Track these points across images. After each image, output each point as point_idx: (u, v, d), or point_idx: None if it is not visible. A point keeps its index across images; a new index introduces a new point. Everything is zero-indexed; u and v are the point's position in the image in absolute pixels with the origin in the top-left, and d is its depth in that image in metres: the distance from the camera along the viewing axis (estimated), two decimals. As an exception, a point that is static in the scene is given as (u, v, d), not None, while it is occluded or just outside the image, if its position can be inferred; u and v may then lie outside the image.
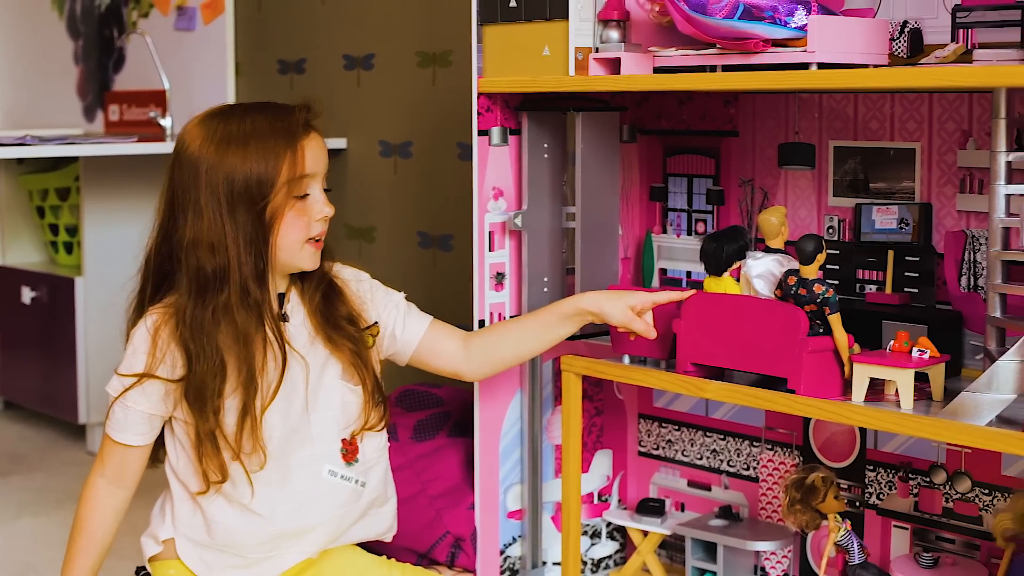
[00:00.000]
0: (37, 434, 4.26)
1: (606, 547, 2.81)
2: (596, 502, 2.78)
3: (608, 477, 2.81)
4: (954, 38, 2.21)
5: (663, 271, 2.72)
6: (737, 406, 2.62)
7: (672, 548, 2.75)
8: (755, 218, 2.55)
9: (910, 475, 2.39)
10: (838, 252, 2.44)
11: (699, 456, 2.71)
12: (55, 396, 4.10)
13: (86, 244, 3.99)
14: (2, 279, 4.36)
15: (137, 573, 2.24)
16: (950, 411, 1.94)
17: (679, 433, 2.74)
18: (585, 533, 2.76)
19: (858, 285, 2.42)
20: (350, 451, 2.21)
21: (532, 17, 2.44)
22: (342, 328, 2.18)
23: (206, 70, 4.27)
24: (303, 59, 3.99)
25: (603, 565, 2.80)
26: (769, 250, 2.23)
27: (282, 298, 2.16)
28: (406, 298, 2.32)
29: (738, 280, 2.25)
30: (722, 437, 2.67)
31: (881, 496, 2.43)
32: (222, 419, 2.08)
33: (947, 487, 2.34)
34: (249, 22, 4.19)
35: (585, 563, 2.76)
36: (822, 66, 2.07)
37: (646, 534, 2.70)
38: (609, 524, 2.81)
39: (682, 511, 2.74)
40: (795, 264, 2.16)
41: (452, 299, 3.44)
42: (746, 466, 2.64)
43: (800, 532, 2.53)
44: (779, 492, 2.58)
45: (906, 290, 2.34)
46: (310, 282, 2.19)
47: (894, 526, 2.42)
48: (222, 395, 2.07)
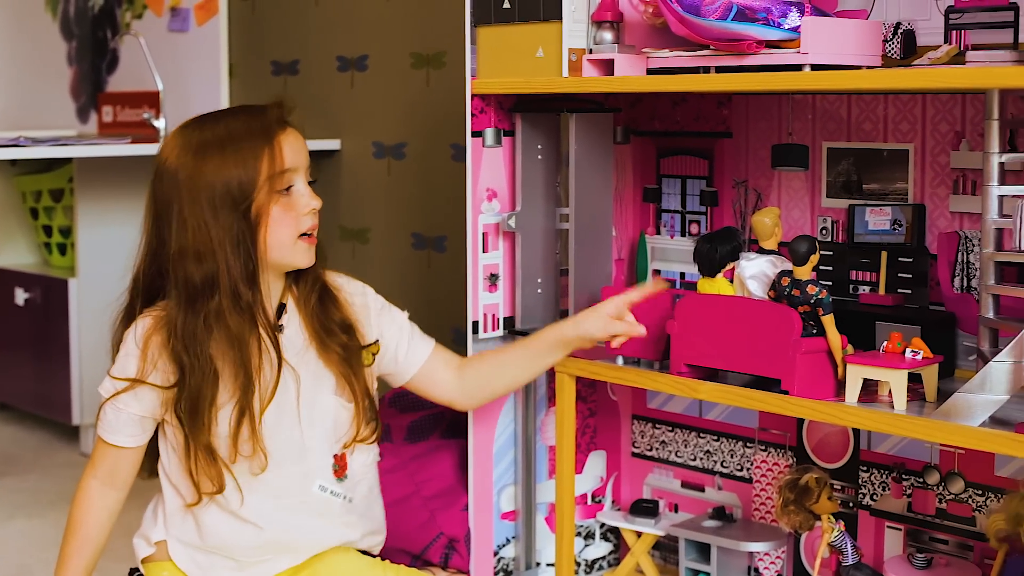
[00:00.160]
0: (31, 435, 4.26)
1: (600, 548, 2.81)
2: (590, 503, 2.78)
3: (602, 478, 2.81)
4: (947, 39, 2.21)
5: (657, 272, 2.72)
6: (730, 407, 2.62)
7: (666, 549, 2.75)
8: (748, 219, 2.55)
9: (903, 476, 2.39)
10: (831, 253, 2.44)
11: (693, 457, 2.71)
12: (49, 397, 4.10)
13: (80, 245, 3.98)
14: (-5, 280, 4.36)
15: (131, 574, 2.24)
16: (943, 412, 1.94)
17: (673, 434, 2.74)
18: (579, 534, 2.76)
19: (851, 286, 2.42)
20: (341, 467, 2.21)
21: (526, 18, 2.44)
22: (335, 334, 2.17)
23: (200, 71, 4.27)
24: (297, 60, 3.99)
25: (597, 566, 2.80)
26: (763, 251, 2.24)
27: (281, 309, 2.16)
28: (409, 317, 2.32)
29: (732, 281, 2.25)
30: (716, 438, 2.67)
31: (875, 497, 2.43)
32: (216, 428, 2.07)
33: (940, 488, 2.34)
34: (243, 23, 4.19)
35: (579, 564, 2.76)
36: (815, 67, 2.07)
37: (640, 535, 2.70)
38: (603, 525, 2.81)
39: (676, 512, 2.74)
40: (788, 265, 2.17)
41: (446, 300, 3.44)
42: (740, 467, 2.64)
43: (794, 533, 2.53)
44: (773, 493, 2.58)
45: (899, 291, 2.35)
46: (305, 283, 2.18)
47: (887, 527, 2.42)
48: (215, 404, 2.07)
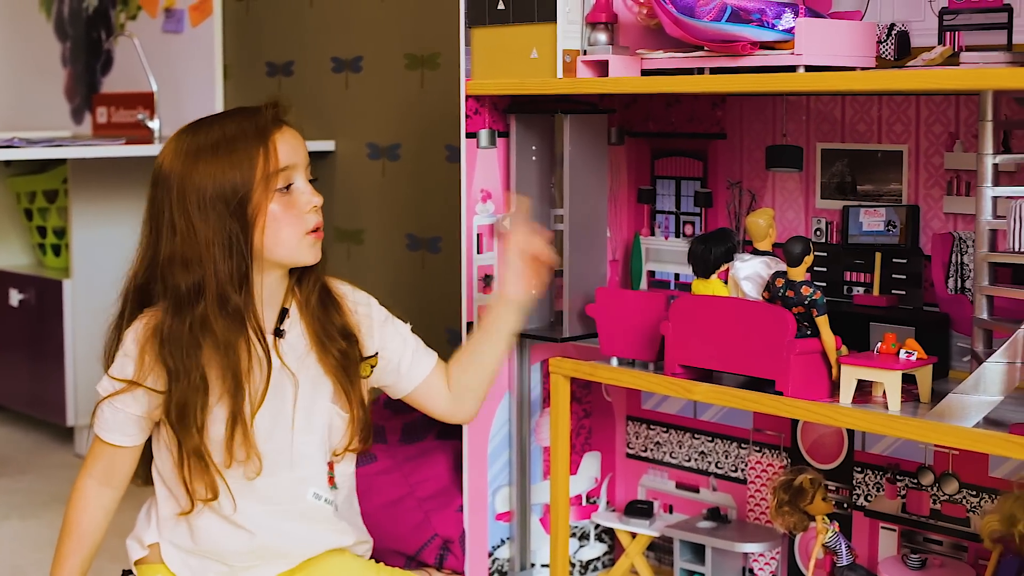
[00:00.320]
0: (25, 436, 4.25)
1: (594, 549, 2.81)
2: (584, 504, 2.78)
3: (596, 479, 2.81)
4: (941, 41, 2.21)
5: (651, 273, 2.72)
6: (725, 408, 2.62)
7: (660, 550, 2.75)
8: (743, 220, 2.55)
9: (898, 477, 2.39)
10: (826, 254, 2.44)
11: (687, 458, 2.71)
12: (43, 398, 4.09)
13: (74, 246, 3.98)
14: (-10, 282, 4.36)
15: (124, 576, 2.24)
16: (937, 413, 1.94)
17: (667, 435, 2.74)
18: (573, 535, 2.76)
19: (845, 287, 2.42)
20: (333, 475, 2.21)
21: (520, 19, 2.44)
22: (335, 339, 2.17)
23: (194, 72, 4.27)
24: (291, 61, 3.99)
25: (591, 567, 2.80)
26: (757, 252, 2.24)
27: (284, 313, 2.15)
28: (412, 329, 2.32)
29: (726, 282, 2.25)
30: (710, 439, 2.67)
31: (869, 498, 2.44)
32: (207, 434, 2.07)
33: (935, 489, 2.35)
34: (237, 24, 4.19)
35: (573, 565, 2.76)
36: (809, 69, 2.07)
37: (634, 536, 2.70)
38: (597, 526, 2.81)
39: (670, 513, 2.74)
40: (783, 266, 2.17)
41: (440, 301, 3.44)
42: (734, 468, 2.64)
43: (788, 534, 2.53)
44: (767, 494, 2.58)
45: (893, 292, 2.35)
46: (306, 285, 2.18)
47: (882, 528, 2.42)
48: (205, 410, 2.06)
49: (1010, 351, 1.90)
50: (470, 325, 2.54)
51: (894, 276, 2.35)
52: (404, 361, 2.26)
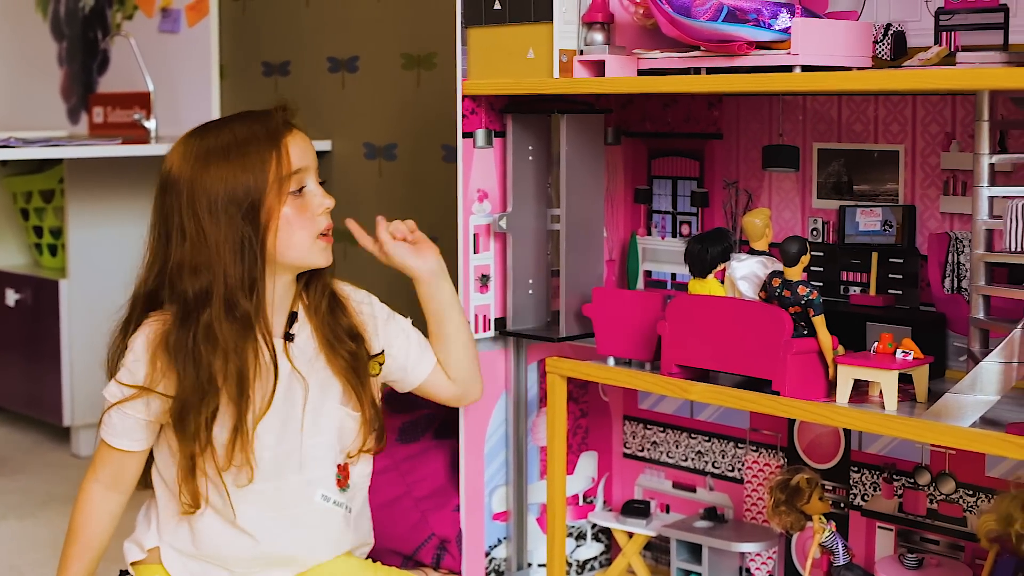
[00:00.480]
0: (22, 436, 4.25)
1: (591, 549, 2.81)
2: (581, 504, 2.78)
3: (593, 479, 2.81)
4: (937, 40, 2.21)
5: (648, 273, 2.72)
6: (722, 408, 2.62)
7: (657, 550, 2.75)
8: (739, 220, 2.55)
9: (894, 476, 2.39)
10: (822, 254, 2.44)
11: (684, 458, 2.71)
12: (39, 398, 4.09)
13: (70, 246, 3.97)
14: (-14, 282, 4.35)
15: (121, 576, 2.24)
16: (934, 412, 1.94)
17: (664, 435, 2.74)
18: (570, 535, 2.76)
19: (842, 287, 2.42)
20: (344, 476, 2.20)
21: (516, 19, 2.44)
22: (343, 341, 2.17)
23: (191, 72, 4.26)
24: (287, 61, 3.99)
25: (588, 567, 2.80)
26: (753, 252, 2.24)
27: (293, 317, 2.15)
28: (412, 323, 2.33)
29: (722, 282, 2.25)
30: (707, 439, 2.67)
31: (866, 497, 2.44)
32: (211, 439, 2.06)
33: (931, 488, 2.35)
34: (234, 24, 4.18)
35: (570, 565, 2.76)
36: (806, 68, 2.07)
37: (631, 536, 2.70)
38: (594, 526, 2.81)
39: (667, 513, 2.74)
40: (779, 266, 2.17)
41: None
42: (731, 468, 2.64)
43: (785, 533, 2.53)
44: (764, 493, 2.58)
45: (890, 292, 2.35)
46: (315, 290, 2.17)
47: (879, 527, 2.43)
48: (208, 418, 2.05)
49: (1006, 351, 1.90)
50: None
51: (890, 276, 2.35)
52: (410, 356, 2.27)
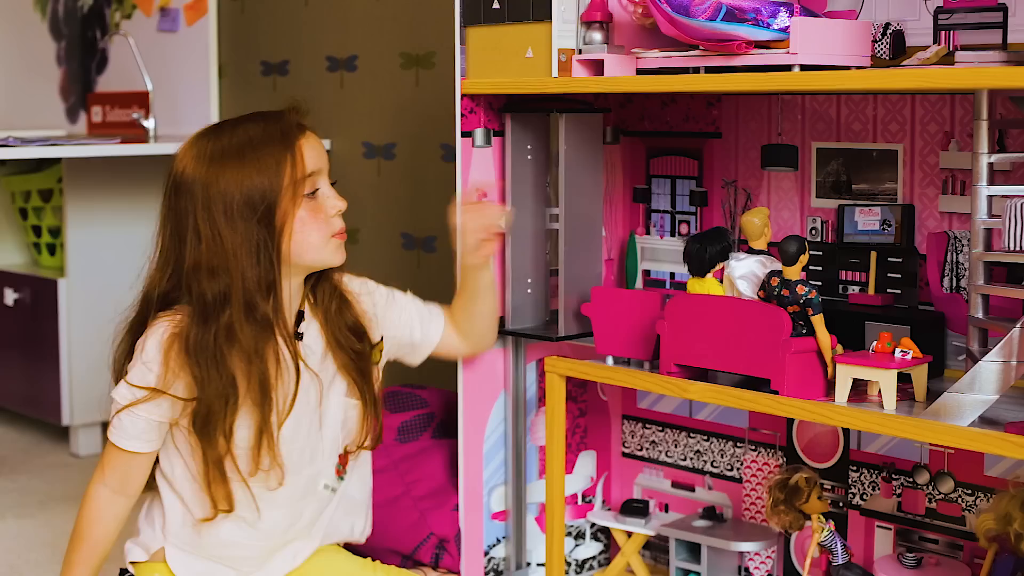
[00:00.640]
0: (20, 436, 4.25)
1: (590, 548, 2.81)
2: (580, 503, 2.78)
3: (592, 478, 2.81)
4: (936, 40, 2.21)
5: (646, 272, 2.72)
6: (720, 407, 2.62)
7: (656, 549, 2.75)
8: (738, 219, 2.55)
9: (893, 475, 2.39)
10: (821, 253, 2.44)
11: (683, 457, 2.71)
12: (38, 398, 4.09)
13: (69, 246, 3.97)
14: (-15, 281, 4.35)
15: (121, 575, 2.23)
16: (933, 412, 1.94)
17: (663, 434, 2.74)
18: (569, 534, 2.76)
19: (841, 286, 2.42)
20: (343, 465, 2.21)
21: (515, 19, 2.44)
22: (349, 339, 2.17)
23: (189, 71, 4.26)
24: (286, 61, 3.99)
25: (587, 566, 2.80)
26: (752, 251, 2.24)
27: (300, 316, 2.15)
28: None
29: (721, 281, 2.25)
30: (706, 438, 2.67)
31: (864, 496, 2.44)
32: (232, 443, 2.05)
33: (930, 487, 2.35)
34: (232, 23, 4.18)
35: (569, 564, 2.76)
36: (805, 68, 2.07)
37: (630, 535, 2.70)
38: (593, 525, 2.81)
39: (666, 512, 2.74)
40: (778, 265, 2.17)
41: (436, 300, 3.43)
42: (730, 467, 2.64)
43: (784, 533, 2.53)
44: (763, 493, 2.58)
45: (889, 291, 2.35)
46: (323, 291, 2.17)
47: (877, 526, 2.43)
48: (232, 418, 2.04)
49: (1005, 350, 1.90)
50: (466, 324, 2.54)
51: (889, 275, 2.35)
52: (415, 332, 2.30)
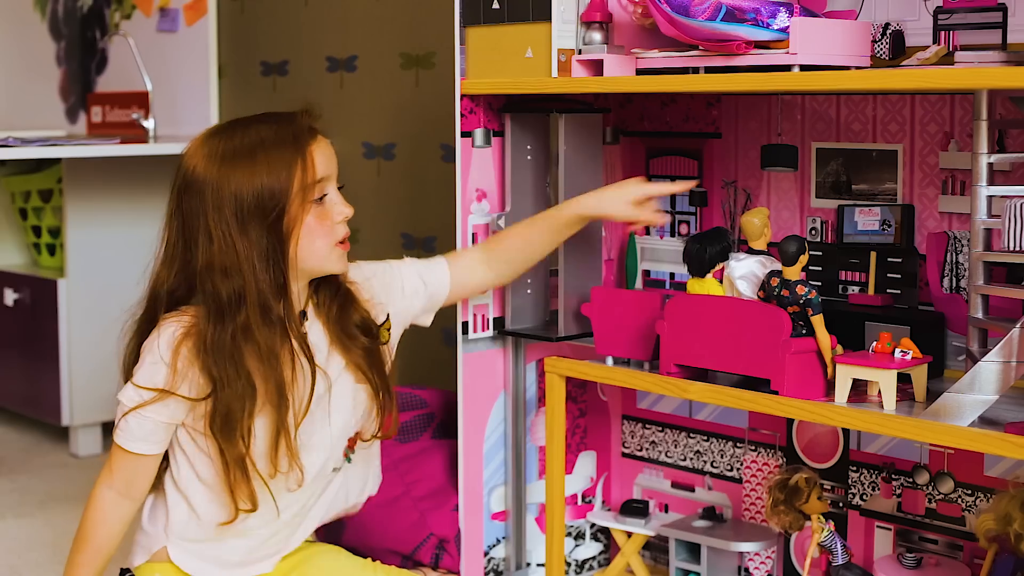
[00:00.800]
0: (20, 436, 4.25)
1: (590, 548, 2.81)
2: (580, 503, 2.78)
3: (592, 478, 2.81)
4: (936, 40, 2.21)
5: (646, 273, 2.72)
6: (720, 407, 2.62)
7: (656, 549, 2.75)
8: (738, 219, 2.55)
9: (893, 476, 2.39)
10: (821, 253, 2.44)
11: (683, 457, 2.71)
12: (38, 398, 4.09)
13: (69, 246, 3.97)
14: (-16, 281, 4.35)
15: (121, 574, 2.23)
16: (933, 412, 1.94)
17: (663, 434, 2.74)
18: (569, 534, 2.76)
19: (841, 286, 2.42)
20: (351, 447, 2.23)
21: (515, 19, 2.44)
22: (356, 337, 2.17)
23: (189, 72, 4.26)
24: (286, 61, 3.99)
25: (587, 566, 2.80)
26: (752, 251, 2.24)
27: (302, 316, 2.14)
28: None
29: (721, 281, 2.25)
30: (705, 438, 2.67)
31: (864, 497, 2.44)
32: (252, 443, 2.05)
33: (930, 488, 2.35)
34: (232, 24, 4.18)
35: (569, 564, 2.76)
36: (804, 68, 2.07)
37: (630, 535, 2.70)
38: (593, 525, 2.81)
39: (666, 512, 2.74)
40: (778, 265, 2.17)
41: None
42: (730, 467, 2.64)
43: (784, 533, 2.53)
44: (763, 493, 2.58)
45: (889, 291, 2.35)
46: (327, 292, 2.17)
47: (877, 527, 2.43)
48: (252, 419, 2.04)
49: (1005, 350, 1.90)
50: (465, 325, 2.54)
51: (889, 275, 2.35)
52: (421, 298, 2.32)
